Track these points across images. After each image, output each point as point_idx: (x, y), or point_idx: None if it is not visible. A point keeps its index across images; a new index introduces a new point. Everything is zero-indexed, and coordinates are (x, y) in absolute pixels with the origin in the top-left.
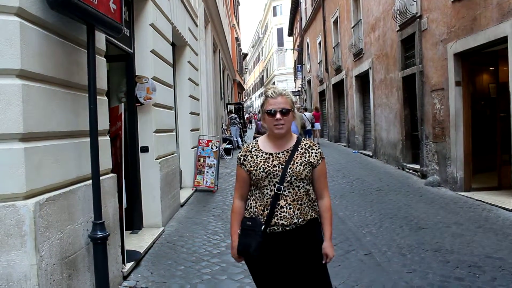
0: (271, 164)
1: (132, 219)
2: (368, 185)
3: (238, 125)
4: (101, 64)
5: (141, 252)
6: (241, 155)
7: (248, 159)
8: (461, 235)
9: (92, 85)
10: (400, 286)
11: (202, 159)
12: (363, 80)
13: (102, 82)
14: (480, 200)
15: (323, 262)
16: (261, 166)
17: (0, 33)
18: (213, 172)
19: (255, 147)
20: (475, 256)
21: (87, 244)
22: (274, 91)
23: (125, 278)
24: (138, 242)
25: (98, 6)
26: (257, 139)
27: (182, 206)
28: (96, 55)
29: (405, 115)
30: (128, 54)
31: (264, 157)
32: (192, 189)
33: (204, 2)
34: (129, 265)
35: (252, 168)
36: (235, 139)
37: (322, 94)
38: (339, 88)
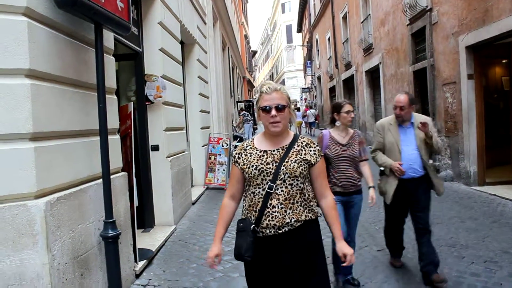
0: (264, 162)
1: (144, 217)
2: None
3: (251, 121)
4: (110, 62)
5: (153, 250)
6: (236, 153)
7: (242, 157)
8: (476, 230)
9: (101, 84)
10: (414, 282)
11: (213, 157)
12: (373, 75)
13: (111, 80)
14: (495, 195)
15: (343, 264)
16: (254, 163)
17: (8, 33)
18: (224, 170)
19: (250, 145)
20: (491, 251)
21: (99, 243)
22: (269, 87)
23: (137, 276)
24: (150, 240)
25: (105, 5)
26: (253, 137)
27: (193, 204)
28: (105, 54)
29: (417, 109)
30: (137, 52)
31: (258, 154)
32: (204, 187)
33: (212, 0)
34: (141, 264)
35: (245, 166)
36: (246, 136)
37: (332, 90)
38: (349, 83)
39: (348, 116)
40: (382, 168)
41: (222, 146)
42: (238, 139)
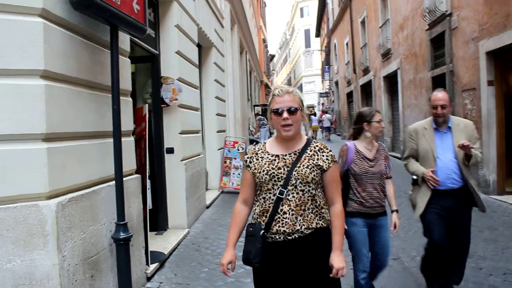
0: (276, 166)
1: (157, 220)
2: (396, 187)
3: (267, 125)
4: (125, 64)
5: (166, 253)
6: (248, 157)
7: (254, 161)
8: (494, 240)
9: (115, 86)
10: None
11: (228, 161)
12: (391, 80)
13: (126, 82)
14: None
15: (330, 275)
16: (265, 168)
17: (24, 34)
18: (239, 174)
19: (262, 149)
20: (511, 263)
21: (110, 244)
22: (281, 89)
23: (148, 279)
24: (162, 243)
25: (121, 7)
26: (265, 140)
27: (208, 207)
28: (120, 56)
29: None
30: (154, 55)
31: (269, 159)
32: (218, 191)
33: (230, 3)
34: (153, 266)
35: (256, 171)
36: (262, 140)
37: (349, 95)
38: (367, 89)
39: (380, 126)
40: (414, 177)
41: (238, 150)
42: (254, 143)
